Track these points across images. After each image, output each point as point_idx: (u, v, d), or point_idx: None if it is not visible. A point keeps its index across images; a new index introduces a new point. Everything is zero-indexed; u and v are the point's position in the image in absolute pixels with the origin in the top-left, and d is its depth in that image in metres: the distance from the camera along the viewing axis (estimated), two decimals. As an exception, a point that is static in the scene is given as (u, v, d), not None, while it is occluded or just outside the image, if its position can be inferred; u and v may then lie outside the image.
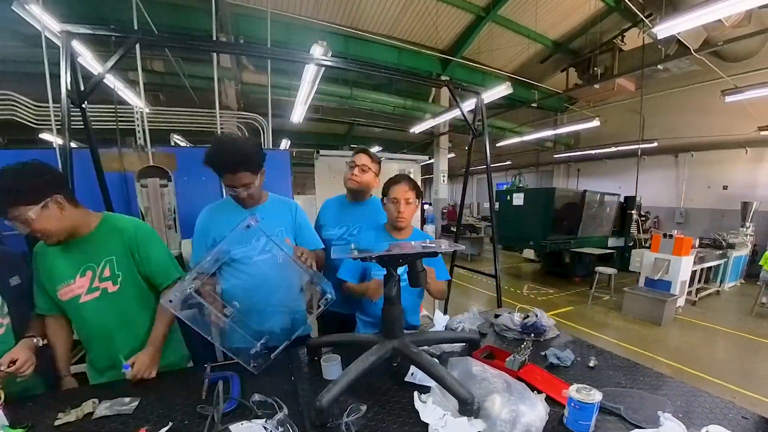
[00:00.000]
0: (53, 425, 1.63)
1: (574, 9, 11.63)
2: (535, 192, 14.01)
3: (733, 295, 10.97)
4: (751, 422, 1.64)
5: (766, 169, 13.52)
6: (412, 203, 2.69)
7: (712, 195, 15.12)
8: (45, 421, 1.66)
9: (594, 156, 18.67)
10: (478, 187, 25.55)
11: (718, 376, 5.99)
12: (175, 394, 1.87)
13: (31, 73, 7.45)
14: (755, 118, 12.30)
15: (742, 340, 7.57)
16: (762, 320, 8.63)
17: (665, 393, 1.88)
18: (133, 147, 5.13)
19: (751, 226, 12.16)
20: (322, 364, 2.06)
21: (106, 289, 2.15)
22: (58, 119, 3.46)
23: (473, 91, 4.61)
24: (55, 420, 1.65)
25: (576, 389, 1.57)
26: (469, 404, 1.59)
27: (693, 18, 5.80)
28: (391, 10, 10.94)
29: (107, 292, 2.16)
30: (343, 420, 1.55)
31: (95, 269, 2.12)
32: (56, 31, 4.68)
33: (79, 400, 1.77)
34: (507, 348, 2.32)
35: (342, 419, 1.55)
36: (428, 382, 1.86)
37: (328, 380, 1.96)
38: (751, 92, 9.32)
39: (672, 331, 8.04)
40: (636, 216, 13.71)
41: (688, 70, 12.72)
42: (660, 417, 1.50)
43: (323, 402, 1.57)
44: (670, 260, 8.74)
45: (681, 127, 15.15)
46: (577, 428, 1.55)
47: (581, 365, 2.20)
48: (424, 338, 2.30)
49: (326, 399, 1.58)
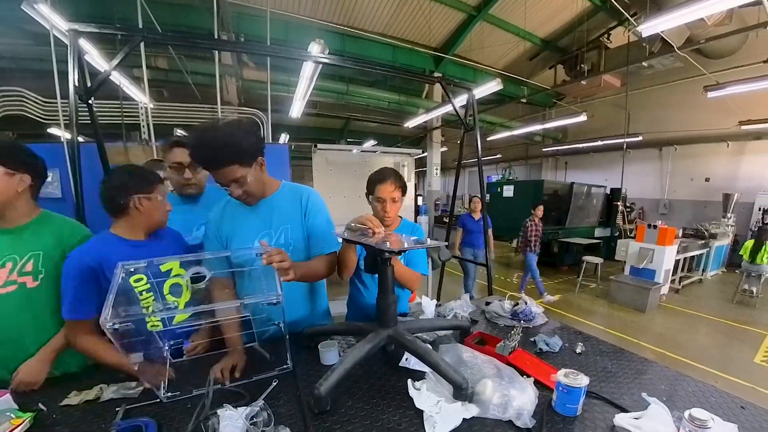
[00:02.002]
0: (61, 408, 1.62)
1: (562, 8, 11.61)
2: (524, 184, 14.09)
3: (715, 284, 11.05)
4: (747, 411, 1.65)
5: (747, 162, 13.60)
6: (397, 201, 2.59)
7: (694, 187, 15.19)
8: (53, 405, 1.63)
9: (581, 149, 18.69)
10: (470, 180, 25.54)
11: (700, 361, 6.03)
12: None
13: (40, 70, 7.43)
14: (736, 113, 12.33)
15: (724, 326, 7.61)
16: (742, 307, 8.70)
17: (650, 377, 1.89)
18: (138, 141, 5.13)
19: (732, 217, 12.26)
20: (319, 350, 2.04)
21: (24, 284, 1.90)
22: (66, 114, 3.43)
23: (465, 87, 4.60)
24: (62, 402, 1.64)
25: (564, 374, 1.57)
26: (463, 389, 1.58)
27: (676, 17, 5.79)
28: (385, 9, 10.90)
29: (25, 287, 1.91)
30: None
31: (16, 261, 1.89)
32: (64, 30, 4.65)
33: (85, 385, 1.76)
34: (498, 334, 2.33)
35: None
36: (421, 368, 1.87)
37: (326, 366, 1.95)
38: (732, 88, 9.31)
39: (656, 317, 8.07)
40: (621, 207, 13.75)
41: (672, 67, 12.71)
42: (645, 399, 1.51)
43: (321, 390, 1.56)
44: (654, 250, 8.79)
45: (665, 121, 15.18)
46: (565, 411, 1.55)
47: (569, 351, 2.20)
48: (417, 326, 2.28)
49: (324, 387, 1.57)
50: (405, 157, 8.03)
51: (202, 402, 1.52)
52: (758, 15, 8.48)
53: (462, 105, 4.69)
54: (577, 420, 1.52)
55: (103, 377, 1.85)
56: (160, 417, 1.56)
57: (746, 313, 8.34)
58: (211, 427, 1.36)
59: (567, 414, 1.55)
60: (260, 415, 1.44)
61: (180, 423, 1.52)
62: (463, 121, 4.60)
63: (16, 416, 1.53)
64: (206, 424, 1.39)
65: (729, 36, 9.61)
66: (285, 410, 1.61)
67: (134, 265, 1.76)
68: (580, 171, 19.79)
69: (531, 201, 11.84)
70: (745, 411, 1.60)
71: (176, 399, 1.70)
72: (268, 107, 6.70)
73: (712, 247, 11.04)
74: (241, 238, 2.18)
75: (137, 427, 1.47)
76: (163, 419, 1.55)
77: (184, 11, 8.75)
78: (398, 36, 11.94)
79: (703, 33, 9.70)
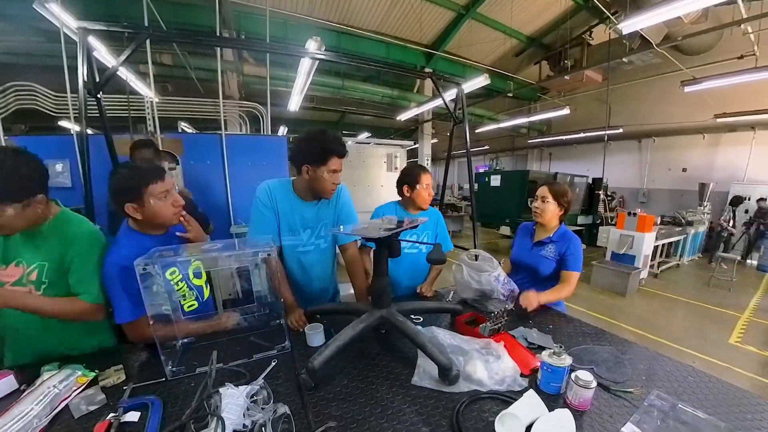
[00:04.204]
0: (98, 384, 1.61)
1: (547, 7, 11.57)
2: (510, 174, 14.06)
3: (692, 268, 11.08)
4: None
5: (722, 153, 13.65)
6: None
7: (672, 177, 15.25)
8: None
9: (564, 141, 18.70)
10: (459, 170, 25.54)
11: (678, 341, 6.05)
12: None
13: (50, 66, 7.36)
14: (712, 107, 12.35)
15: (700, 308, 7.63)
16: (718, 290, 8.73)
17: (630, 357, 1.90)
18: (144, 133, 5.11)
19: (707, 205, 12.28)
20: (306, 333, 2.05)
21: (30, 291, 1.82)
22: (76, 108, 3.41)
23: (454, 82, 4.58)
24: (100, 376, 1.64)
25: (548, 354, 1.58)
26: (448, 370, 1.60)
27: (655, 15, 5.77)
28: (379, 8, 10.82)
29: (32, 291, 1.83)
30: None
31: (26, 269, 1.81)
32: (74, 28, 4.65)
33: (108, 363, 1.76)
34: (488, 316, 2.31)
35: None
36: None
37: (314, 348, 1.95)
38: (708, 83, 9.32)
39: (636, 301, 8.11)
40: (603, 196, 13.79)
41: (651, 63, 12.72)
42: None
43: (315, 364, 1.58)
44: (634, 236, 8.81)
45: (644, 114, 15.19)
46: (549, 390, 1.56)
47: (553, 332, 2.21)
48: (410, 308, 2.28)
49: (318, 361, 1.59)
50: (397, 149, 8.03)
51: (205, 381, 1.52)
52: (733, 13, 8.46)
53: (452, 99, 4.67)
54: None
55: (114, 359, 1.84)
56: (165, 395, 1.56)
57: (721, 295, 8.37)
58: (214, 404, 1.36)
59: (551, 392, 1.55)
60: (260, 393, 1.44)
61: (184, 401, 1.52)
62: (452, 114, 4.59)
63: (83, 374, 1.57)
64: (209, 401, 1.39)
65: (705, 33, 9.60)
66: (284, 389, 1.62)
67: (164, 259, 1.70)
68: (563, 162, 19.82)
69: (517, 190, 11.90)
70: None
71: (180, 378, 1.70)
72: (268, 101, 6.71)
73: (689, 234, 11.07)
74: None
75: (143, 404, 1.47)
76: (167, 397, 1.55)
77: (188, 10, 8.69)
78: (391, 33, 11.88)
79: (680, 30, 9.67)
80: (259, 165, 5.35)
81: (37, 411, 1.36)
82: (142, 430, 1.33)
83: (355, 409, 1.48)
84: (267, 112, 6.97)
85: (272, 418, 1.31)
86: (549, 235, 2.84)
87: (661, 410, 1.42)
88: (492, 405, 1.50)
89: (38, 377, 1.59)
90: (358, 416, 1.44)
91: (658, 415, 1.40)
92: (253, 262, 1.88)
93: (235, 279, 2.18)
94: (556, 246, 2.79)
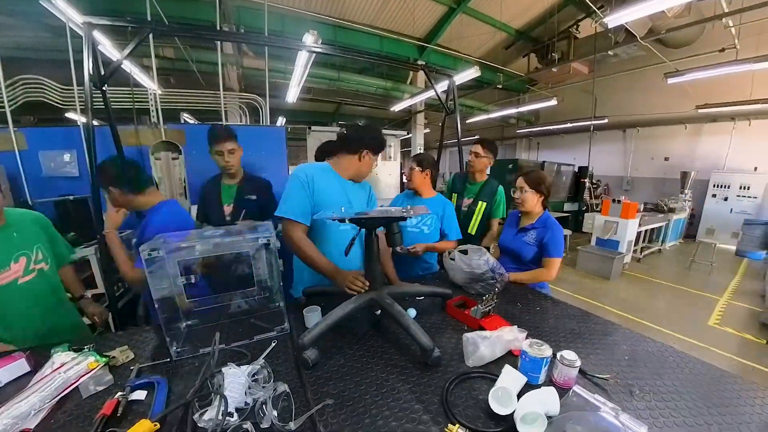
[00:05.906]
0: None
1: (535, 1, 11.48)
2: (500, 163, 14.04)
3: (673, 253, 11.16)
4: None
5: (703, 143, 13.61)
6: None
7: (655, 165, 15.22)
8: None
9: (552, 131, 18.62)
10: (451, 159, 25.47)
11: (660, 323, 6.10)
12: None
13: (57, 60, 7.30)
14: (694, 98, 12.33)
15: (681, 292, 7.69)
16: (698, 275, 8.79)
17: (614, 339, 1.92)
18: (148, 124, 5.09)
19: (689, 193, 12.36)
20: (304, 314, 2.07)
21: (42, 269, 2.14)
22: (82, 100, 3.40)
23: (446, 74, 4.58)
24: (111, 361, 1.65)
25: (529, 344, 1.54)
26: (428, 350, 1.62)
27: (639, 9, 5.77)
28: (373, 2, 10.72)
29: (43, 271, 2.15)
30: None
31: (29, 255, 2.08)
32: (79, 23, 4.62)
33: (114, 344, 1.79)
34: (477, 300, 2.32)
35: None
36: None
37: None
38: (690, 75, 9.31)
39: (620, 284, 8.16)
40: (588, 184, 13.87)
41: (635, 55, 12.64)
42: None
43: (305, 340, 1.62)
44: (618, 222, 8.86)
45: (628, 105, 15.13)
46: (529, 380, 1.48)
47: (540, 315, 2.23)
48: (400, 291, 2.30)
49: (308, 338, 1.64)
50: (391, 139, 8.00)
51: (208, 361, 1.53)
52: (714, 8, 8.43)
53: (443, 90, 4.68)
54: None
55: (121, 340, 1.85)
56: (170, 375, 1.57)
57: (701, 279, 8.44)
58: (217, 383, 1.37)
59: (531, 382, 1.48)
60: (261, 372, 1.45)
61: (188, 380, 1.53)
62: (444, 105, 4.60)
63: (96, 359, 1.56)
64: (212, 381, 1.40)
65: (687, 27, 9.55)
66: (283, 368, 1.63)
67: (169, 244, 1.73)
68: (551, 151, 19.75)
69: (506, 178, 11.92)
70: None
71: (184, 358, 1.71)
72: (266, 93, 6.67)
73: (671, 221, 11.10)
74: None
75: (150, 383, 1.49)
76: (172, 377, 1.56)
77: (190, 5, 8.61)
78: (385, 27, 11.75)
79: (663, 24, 9.64)
80: (258, 154, 5.33)
81: (47, 393, 1.36)
82: (148, 408, 1.35)
83: (351, 387, 1.49)
84: (266, 104, 6.93)
85: (272, 396, 1.32)
86: (532, 222, 2.91)
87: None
88: (481, 383, 1.51)
89: (49, 359, 1.59)
90: (354, 394, 1.45)
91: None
92: (254, 247, 1.89)
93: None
94: (537, 232, 2.87)
